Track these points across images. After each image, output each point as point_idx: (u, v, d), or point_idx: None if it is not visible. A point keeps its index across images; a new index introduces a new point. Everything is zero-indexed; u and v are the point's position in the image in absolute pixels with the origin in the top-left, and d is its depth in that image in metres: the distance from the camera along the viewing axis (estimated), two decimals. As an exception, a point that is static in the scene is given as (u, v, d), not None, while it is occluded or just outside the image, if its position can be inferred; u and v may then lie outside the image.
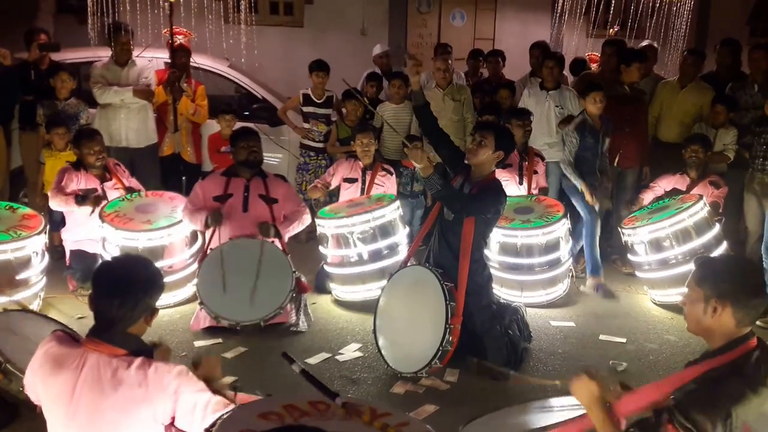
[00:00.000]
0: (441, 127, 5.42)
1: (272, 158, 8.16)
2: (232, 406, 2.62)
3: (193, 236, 6.23)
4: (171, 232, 6.05)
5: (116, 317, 2.65)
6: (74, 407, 2.60)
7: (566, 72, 8.69)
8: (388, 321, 5.17)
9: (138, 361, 2.61)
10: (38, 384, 2.70)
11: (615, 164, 7.22)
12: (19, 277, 5.59)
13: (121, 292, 2.65)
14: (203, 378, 2.73)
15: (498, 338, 5.08)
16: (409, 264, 5.42)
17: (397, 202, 6.36)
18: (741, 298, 2.62)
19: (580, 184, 6.69)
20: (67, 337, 2.77)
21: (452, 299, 4.85)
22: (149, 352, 2.72)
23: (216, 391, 2.74)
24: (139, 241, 5.95)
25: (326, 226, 6.22)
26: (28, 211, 6.11)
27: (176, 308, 6.08)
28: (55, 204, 6.18)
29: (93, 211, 6.13)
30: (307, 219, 6.19)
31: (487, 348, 5.01)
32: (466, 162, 5.18)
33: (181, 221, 6.06)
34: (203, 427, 2.57)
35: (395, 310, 5.19)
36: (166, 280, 5.79)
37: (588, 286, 6.81)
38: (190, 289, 6.16)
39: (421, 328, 4.97)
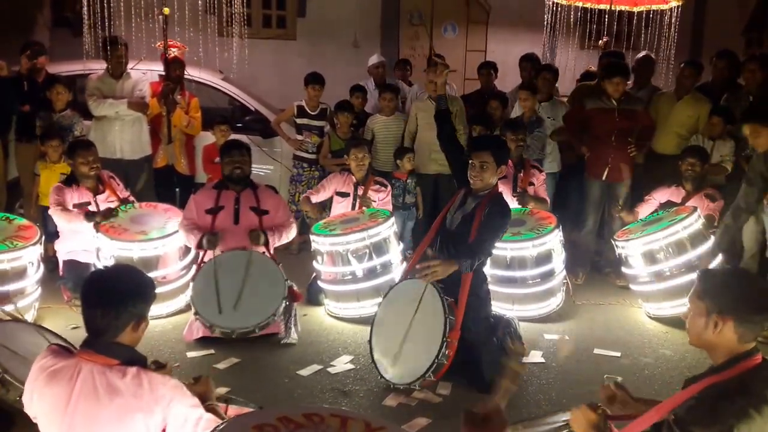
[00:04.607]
0: (457, 138, 5.42)
1: (265, 169, 8.19)
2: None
3: (187, 247, 6.23)
4: (165, 242, 6.07)
5: (101, 327, 2.67)
6: (70, 418, 2.61)
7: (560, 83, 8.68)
8: (385, 332, 5.13)
9: (132, 370, 2.63)
10: (34, 398, 2.71)
11: (604, 178, 7.17)
12: (15, 287, 5.63)
13: (102, 303, 2.67)
14: (197, 395, 2.73)
15: (494, 351, 5.01)
16: (409, 276, 5.31)
17: (392, 219, 6.30)
18: (744, 313, 2.55)
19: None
20: (62, 350, 2.79)
21: (452, 314, 4.81)
22: (143, 361, 2.74)
23: (209, 409, 2.74)
24: (134, 251, 5.96)
25: (321, 243, 6.17)
26: (24, 222, 6.14)
27: (169, 318, 6.07)
28: (60, 221, 6.18)
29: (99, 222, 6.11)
30: (293, 232, 6.23)
31: (482, 361, 4.95)
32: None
33: (175, 232, 6.08)
34: None
35: (393, 321, 5.13)
36: (160, 290, 5.85)
37: None
38: (183, 299, 6.17)
39: (417, 341, 4.92)
